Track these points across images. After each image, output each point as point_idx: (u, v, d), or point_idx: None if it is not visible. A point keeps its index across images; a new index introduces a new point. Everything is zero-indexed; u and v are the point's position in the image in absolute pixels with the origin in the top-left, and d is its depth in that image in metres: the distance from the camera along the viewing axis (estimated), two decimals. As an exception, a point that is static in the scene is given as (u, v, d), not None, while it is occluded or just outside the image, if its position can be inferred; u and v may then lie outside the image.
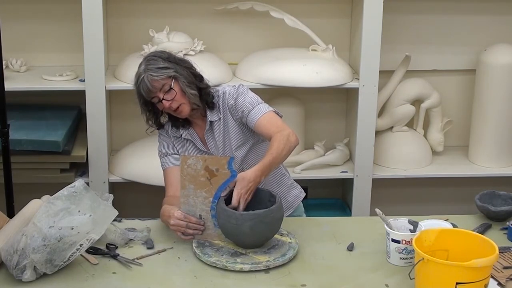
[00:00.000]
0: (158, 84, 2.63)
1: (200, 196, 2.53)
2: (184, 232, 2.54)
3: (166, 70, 2.64)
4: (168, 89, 2.64)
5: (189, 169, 2.51)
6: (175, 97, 2.65)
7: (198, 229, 2.55)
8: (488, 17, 4.01)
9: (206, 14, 3.87)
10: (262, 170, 2.53)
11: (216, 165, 2.50)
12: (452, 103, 4.13)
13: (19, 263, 2.30)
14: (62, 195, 2.35)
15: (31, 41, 3.85)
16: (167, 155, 2.80)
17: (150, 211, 2.96)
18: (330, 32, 3.89)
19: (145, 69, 2.64)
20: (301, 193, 2.97)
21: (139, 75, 2.65)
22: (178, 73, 2.65)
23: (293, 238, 2.58)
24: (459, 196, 4.14)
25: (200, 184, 2.51)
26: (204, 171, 2.50)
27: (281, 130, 2.62)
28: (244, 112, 2.70)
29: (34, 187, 3.34)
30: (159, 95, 2.65)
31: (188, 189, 2.52)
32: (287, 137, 2.60)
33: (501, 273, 2.38)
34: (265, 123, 2.66)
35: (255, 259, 2.45)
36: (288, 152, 2.61)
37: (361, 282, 2.36)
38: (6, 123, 3.02)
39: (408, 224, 2.52)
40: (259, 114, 2.68)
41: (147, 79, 2.62)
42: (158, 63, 2.64)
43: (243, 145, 2.77)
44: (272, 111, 2.71)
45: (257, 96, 2.75)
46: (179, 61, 2.70)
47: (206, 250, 2.49)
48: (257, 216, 2.44)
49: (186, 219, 2.54)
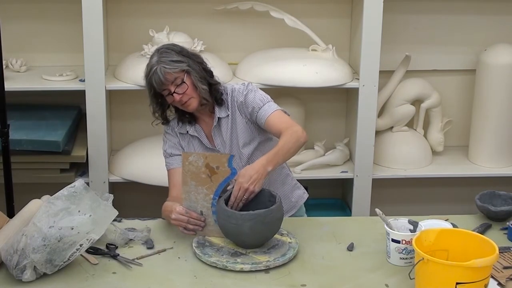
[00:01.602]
0: (171, 77, 2.63)
1: (201, 192, 2.54)
2: (185, 227, 2.55)
3: (179, 63, 2.64)
4: (180, 83, 2.64)
5: (191, 166, 2.52)
6: (186, 91, 2.65)
7: (199, 225, 2.56)
8: (488, 17, 4.01)
9: (206, 14, 3.87)
10: (266, 160, 2.53)
11: (216, 163, 2.51)
12: (452, 103, 4.13)
13: (19, 263, 2.30)
14: (62, 195, 2.35)
15: (31, 41, 3.85)
16: (172, 156, 2.80)
17: (150, 211, 2.96)
18: (330, 32, 3.89)
19: (158, 61, 2.63)
20: (304, 194, 2.97)
21: (152, 67, 2.64)
22: (190, 67, 2.66)
23: (293, 238, 2.58)
24: (459, 196, 4.14)
25: (201, 181, 2.53)
26: (205, 168, 2.52)
27: (290, 127, 2.64)
28: (255, 108, 2.70)
29: (34, 187, 3.34)
30: (171, 88, 2.65)
31: (190, 186, 2.54)
32: (296, 133, 2.62)
33: (501, 273, 2.38)
34: (276, 120, 2.68)
35: (255, 259, 2.45)
36: (297, 147, 2.62)
37: (361, 282, 2.36)
38: (6, 123, 3.02)
39: (408, 224, 2.52)
40: (269, 111, 2.69)
41: (160, 71, 2.62)
42: (172, 56, 2.64)
43: (250, 142, 2.77)
44: (281, 110, 2.73)
45: (267, 94, 2.76)
46: (192, 56, 2.71)
47: (206, 250, 2.49)
48: (257, 216, 2.44)
49: (188, 214, 2.55)
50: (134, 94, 3.73)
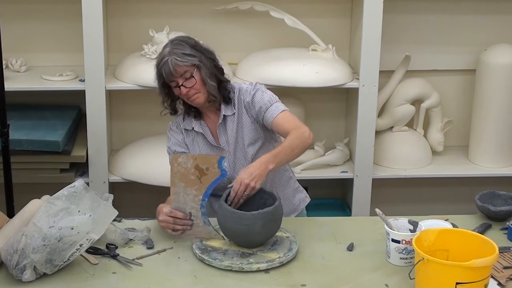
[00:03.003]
0: (180, 69, 2.63)
1: (190, 194, 2.53)
2: (173, 228, 2.55)
3: (191, 57, 2.64)
4: (189, 77, 2.64)
5: (179, 167, 2.51)
6: (194, 85, 2.65)
7: (186, 224, 2.55)
8: (488, 17, 4.01)
9: (206, 14, 3.87)
10: (268, 157, 2.53)
11: (206, 164, 2.50)
12: (452, 103, 4.13)
13: (19, 263, 2.30)
14: (62, 195, 2.35)
15: (31, 41, 3.85)
16: (175, 153, 2.80)
17: (150, 211, 2.95)
18: (330, 32, 3.89)
19: (170, 52, 2.63)
20: (306, 198, 2.97)
21: (163, 57, 2.64)
22: (202, 63, 2.66)
23: (286, 232, 2.58)
24: (459, 196, 4.14)
25: (190, 182, 2.52)
26: (194, 170, 2.50)
27: (297, 127, 2.64)
28: (262, 108, 2.70)
29: (34, 187, 3.34)
30: (179, 80, 2.65)
31: (179, 187, 2.53)
32: (302, 133, 2.62)
33: (501, 273, 2.38)
34: (283, 120, 2.68)
35: (266, 257, 2.44)
36: (302, 148, 2.62)
37: (361, 282, 2.36)
38: (6, 123, 3.02)
39: (408, 224, 2.52)
40: (277, 111, 2.69)
41: (171, 63, 2.62)
42: (185, 48, 2.65)
43: (255, 142, 2.77)
44: (288, 111, 2.73)
45: (274, 95, 2.76)
46: (204, 51, 2.71)
47: (213, 255, 2.46)
48: (267, 214, 2.45)
49: (172, 214, 2.54)
50: (134, 94, 3.74)
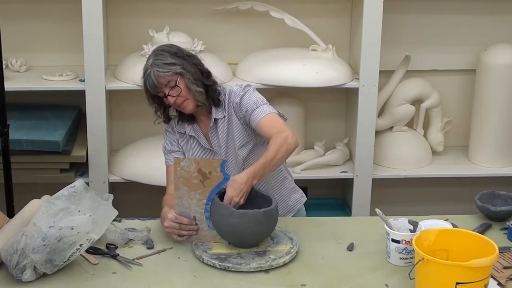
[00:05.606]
0: (163, 80, 2.62)
1: (193, 198, 2.52)
2: (178, 234, 2.55)
3: (172, 66, 2.62)
4: (174, 85, 2.63)
5: (182, 171, 2.50)
6: (180, 93, 2.64)
7: (192, 229, 2.55)
8: (488, 17, 4.01)
9: (206, 14, 3.87)
10: (254, 172, 2.52)
11: (208, 168, 2.48)
12: (452, 103, 4.13)
13: (19, 263, 2.30)
14: (62, 195, 2.35)
15: (31, 41, 3.85)
16: (171, 152, 2.80)
17: (150, 211, 2.96)
18: (330, 32, 3.89)
19: (152, 64, 2.63)
20: (302, 197, 2.96)
21: (146, 69, 2.64)
22: (185, 70, 2.64)
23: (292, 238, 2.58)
24: (459, 196, 4.14)
25: (194, 186, 2.51)
26: (197, 174, 2.49)
27: (280, 132, 2.60)
28: (248, 111, 2.69)
29: (34, 187, 3.34)
30: (165, 90, 2.64)
31: (182, 191, 2.52)
32: (285, 139, 2.58)
33: (501, 273, 2.38)
34: (266, 124, 2.65)
35: (266, 257, 2.44)
36: (285, 154, 2.59)
37: (361, 282, 2.36)
38: (6, 123, 3.02)
39: (408, 224, 2.52)
40: (261, 114, 2.67)
41: (154, 74, 2.61)
42: (166, 58, 2.63)
43: (246, 144, 2.76)
44: (275, 113, 2.69)
45: (263, 97, 2.74)
46: (187, 57, 2.68)
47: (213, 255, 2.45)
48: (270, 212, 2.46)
49: (178, 220, 2.53)
50: (134, 94, 3.73)
